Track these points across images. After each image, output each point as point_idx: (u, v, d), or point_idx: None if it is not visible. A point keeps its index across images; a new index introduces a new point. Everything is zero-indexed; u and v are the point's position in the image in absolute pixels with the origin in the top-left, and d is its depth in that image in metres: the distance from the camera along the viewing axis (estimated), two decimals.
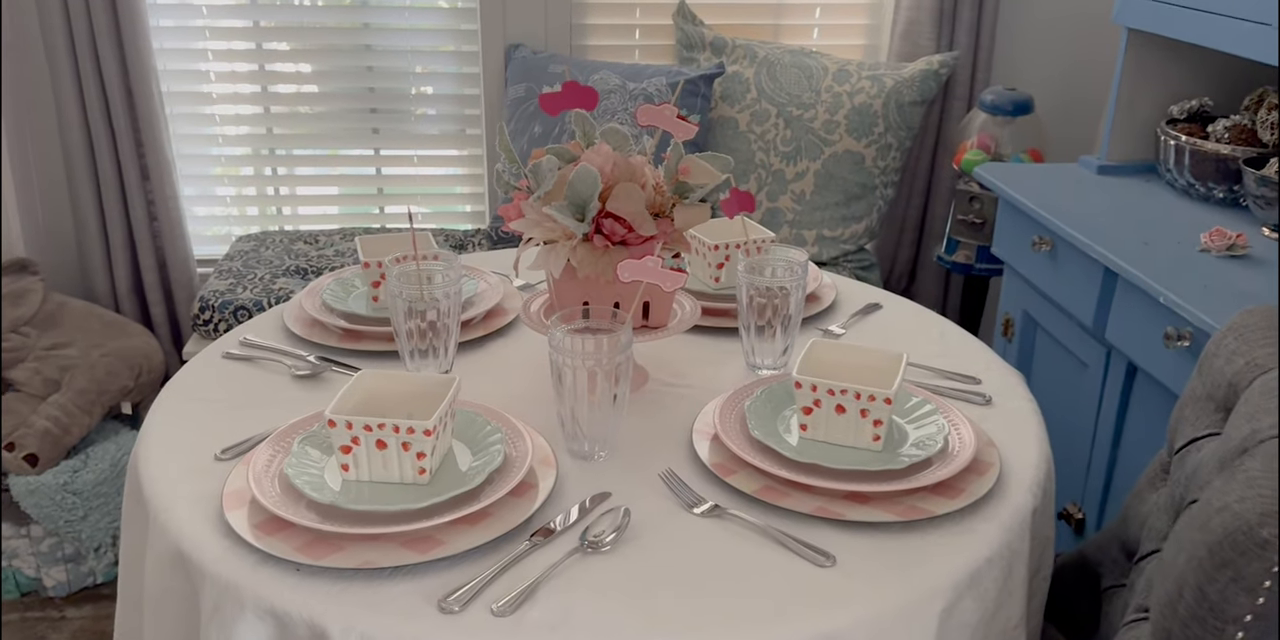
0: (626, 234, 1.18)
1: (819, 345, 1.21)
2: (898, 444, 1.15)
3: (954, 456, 1.13)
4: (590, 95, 1.24)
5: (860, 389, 1.11)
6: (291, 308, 1.47)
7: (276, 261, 2.32)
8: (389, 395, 1.10)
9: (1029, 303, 2.04)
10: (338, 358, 1.36)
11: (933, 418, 1.19)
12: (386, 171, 2.67)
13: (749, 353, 1.37)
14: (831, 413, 1.14)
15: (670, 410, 1.26)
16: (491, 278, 1.56)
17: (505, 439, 1.10)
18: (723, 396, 1.24)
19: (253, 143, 2.59)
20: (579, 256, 1.17)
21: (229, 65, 2.51)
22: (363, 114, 2.61)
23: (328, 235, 2.49)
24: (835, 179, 2.43)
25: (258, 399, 1.26)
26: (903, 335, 1.50)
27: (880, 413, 1.12)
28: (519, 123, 2.37)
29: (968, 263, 2.48)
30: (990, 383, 1.37)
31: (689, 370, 1.36)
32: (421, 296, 1.24)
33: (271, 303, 2.14)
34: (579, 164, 1.18)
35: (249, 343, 1.40)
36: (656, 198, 1.22)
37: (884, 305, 1.60)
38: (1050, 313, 1.95)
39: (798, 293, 1.32)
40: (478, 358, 1.38)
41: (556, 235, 1.19)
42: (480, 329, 1.43)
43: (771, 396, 1.23)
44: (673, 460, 1.15)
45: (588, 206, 1.16)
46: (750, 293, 1.31)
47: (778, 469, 1.09)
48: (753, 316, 1.32)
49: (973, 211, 2.43)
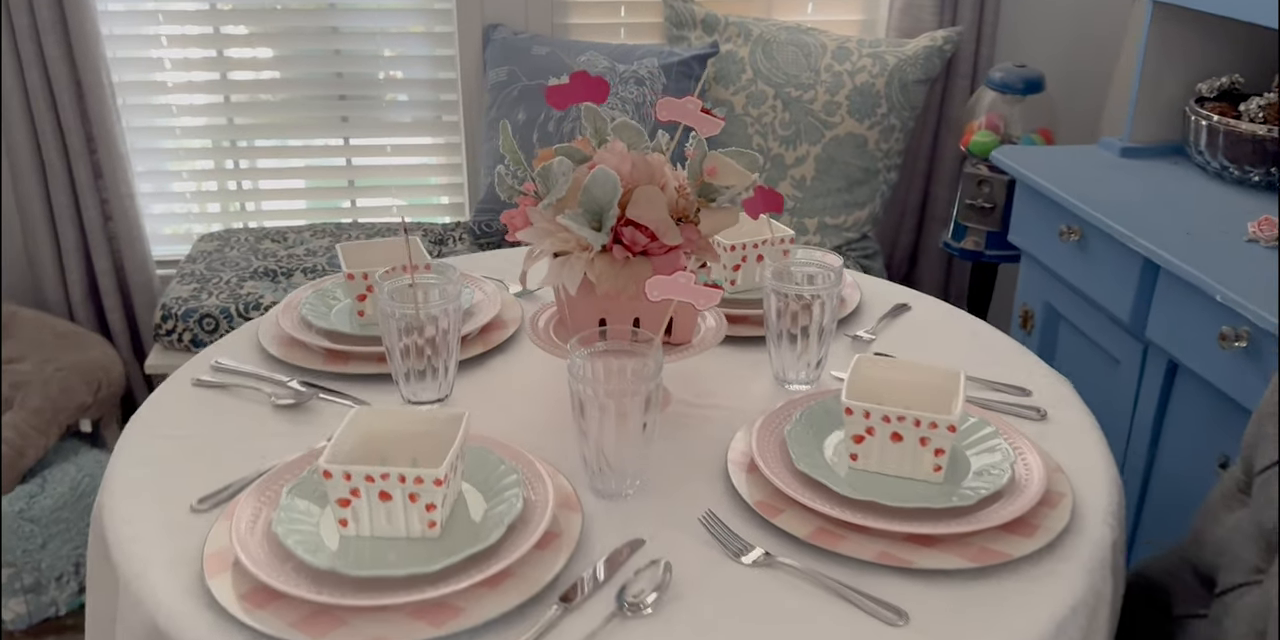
0: (649, 243, 1.06)
1: (865, 362, 1.10)
2: (960, 474, 1.04)
3: (1024, 487, 1.02)
4: (601, 87, 1.11)
5: (920, 415, 1.00)
6: (267, 325, 1.34)
7: (243, 262, 2.17)
8: (389, 435, 0.97)
9: (1052, 294, 1.94)
10: (322, 382, 1.24)
11: (993, 441, 1.08)
12: (357, 162, 2.53)
13: (778, 367, 1.25)
14: (886, 441, 1.02)
15: (698, 436, 1.14)
16: (487, 285, 1.43)
17: (522, 480, 0.98)
18: (756, 421, 1.12)
19: (212, 134, 2.44)
20: (597, 270, 1.05)
21: (184, 51, 2.36)
22: (330, 101, 2.46)
23: (296, 232, 2.35)
24: (837, 163, 2.32)
25: (236, 434, 1.13)
26: (938, 340, 1.39)
27: (942, 441, 1.01)
28: (501, 109, 2.23)
29: (977, 249, 2.37)
30: (1040, 393, 1.27)
31: (713, 387, 1.25)
32: (418, 315, 1.11)
33: (239, 310, 2.00)
34: (594, 166, 1.05)
35: (222, 367, 1.26)
36: (680, 201, 1.10)
37: (912, 306, 1.49)
38: (1077, 305, 1.85)
39: (832, 302, 1.21)
40: (478, 378, 1.26)
41: (570, 246, 1.07)
42: (478, 345, 1.31)
43: (812, 420, 1.12)
44: (709, 497, 1.04)
45: (606, 214, 1.04)
46: (779, 302, 1.20)
47: (831, 507, 0.98)
48: (782, 328, 1.21)
49: (982, 195, 2.32)
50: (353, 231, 2.34)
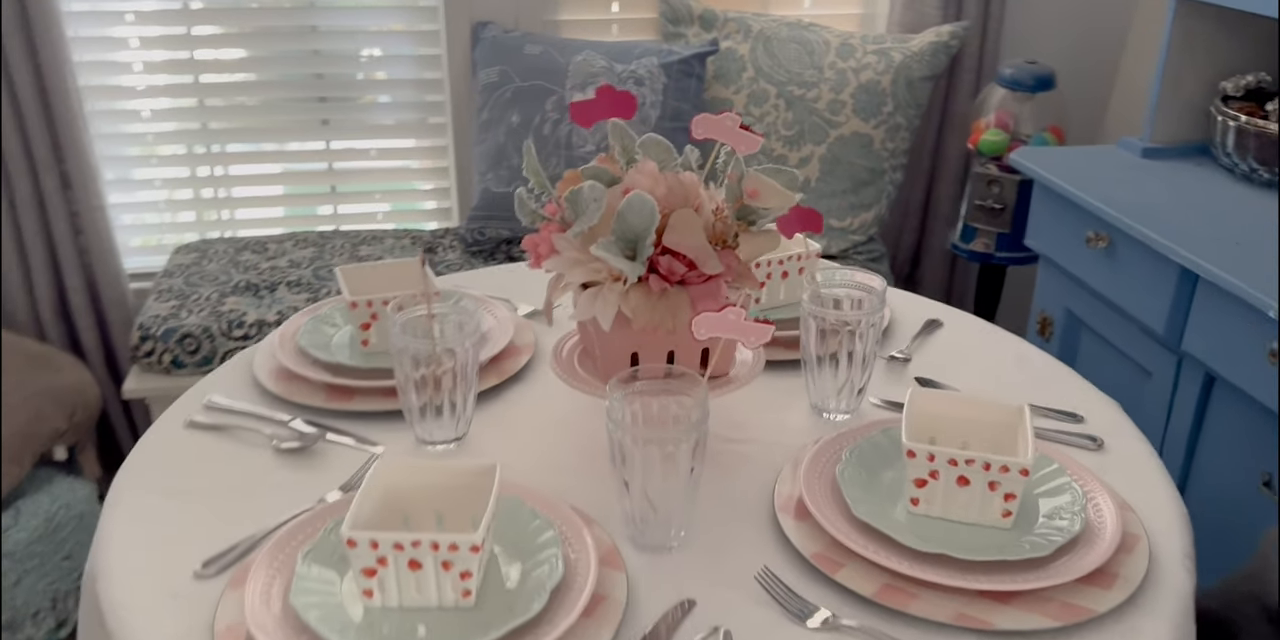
0: (687, 273, 0.98)
1: (921, 396, 1.03)
2: (1029, 518, 0.97)
3: (1098, 531, 0.96)
4: (628, 102, 1.03)
5: (991, 458, 0.93)
6: (263, 357, 1.25)
7: (222, 276, 2.07)
8: (412, 491, 0.89)
9: (1074, 301, 1.87)
10: (326, 421, 1.15)
11: (1059, 480, 1.01)
12: (339, 166, 2.43)
13: (816, 396, 1.18)
14: (952, 485, 0.95)
15: (738, 476, 1.07)
16: (496, 308, 1.35)
17: (559, 536, 0.90)
18: (802, 460, 1.05)
19: (186, 140, 2.33)
20: (633, 303, 0.97)
21: (154, 53, 2.25)
22: (310, 103, 2.36)
23: (277, 241, 2.25)
24: (842, 164, 2.25)
25: (238, 484, 1.05)
26: (978, 360, 1.32)
27: (1013, 485, 0.94)
28: (494, 111, 2.14)
29: (987, 252, 2.31)
30: (1092, 419, 1.20)
31: (746, 418, 1.17)
32: (435, 351, 1.03)
33: (222, 328, 1.91)
34: (628, 191, 0.97)
35: (216, 406, 1.17)
36: (717, 225, 1.02)
37: (944, 321, 1.42)
38: (1103, 313, 1.79)
39: (876, 328, 1.13)
40: (494, 413, 1.18)
41: (600, 277, 0.99)
42: (492, 375, 1.22)
43: (862, 458, 1.04)
44: (760, 549, 0.96)
45: (642, 243, 0.96)
46: (818, 328, 1.12)
47: (897, 561, 0.91)
48: (823, 355, 1.14)
49: (992, 196, 2.26)
50: (336, 240, 2.25)
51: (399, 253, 2.19)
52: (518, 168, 2.09)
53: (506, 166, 2.10)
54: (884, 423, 1.11)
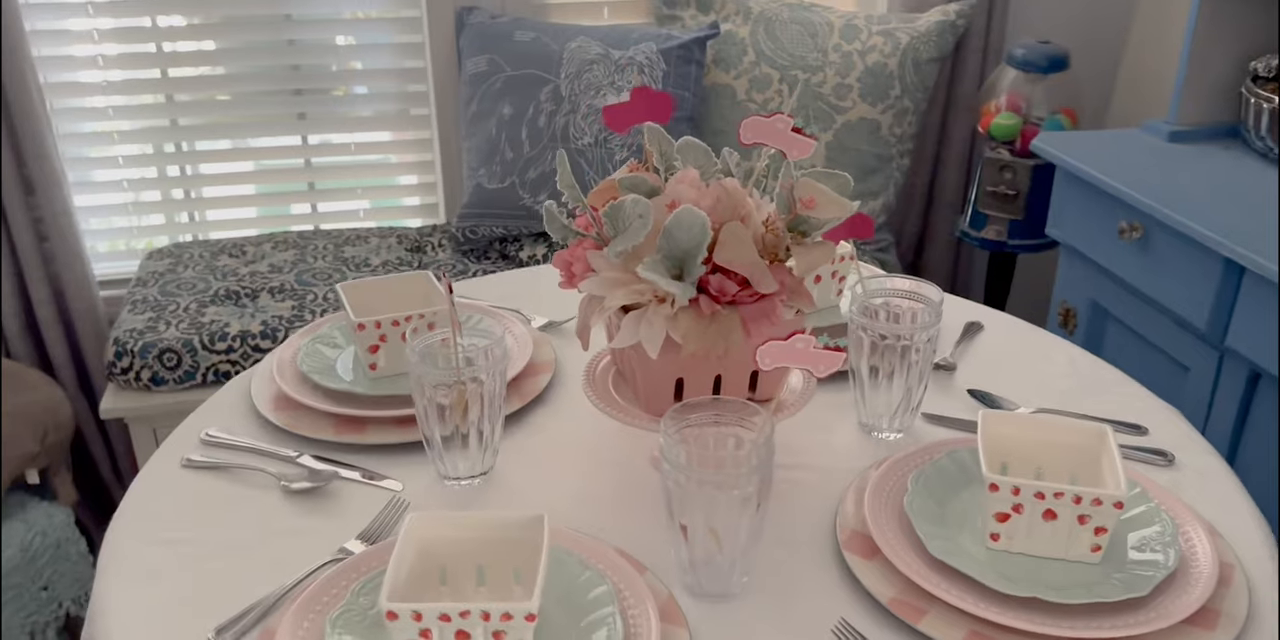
0: (739, 292, 0.90)
1: (993, 419, 0.95)
2: (1118, 552, 0.90)
3: (1195, 564, 0.89)
4: (664, 104, 0.94)
5: (1082, 491, 0.86)
6: (261, 384, 1.16)
7: (200, 284, 1.97)
8: (451, 543, 0.81)
9: (1099, 292, 1.81)
10: (336, 456, 1.06)
11: (1143, 505, 0.94)
12: (317, 162, 2.32)
13: (867, 415, 1.11)
14: (1037, 519, 0.88)
15: (793, 507, 0.99)
16: (512, 322, 1.26)
17: (613, 592, 0.82)
18: (864, 489, 0.97)
19: (154, 138, 2.21)
20: (683, 328, 0.89)
21: (119, 47, 2.13)
22: (284, 97, 2.25)
23: (255, 244, 2.15)
24: (849, 151, 2.17)
25: (246, 533, 0.96)
26: (1026, 366, 1.25)
27: (1106, 519, 0.87)
28: (483, 103, 2.04)
29: (999, 239, 2.24)
30: (1157, 430, 1.14)
31: (793, 440, 1.09)
32: (460, 382, 0.94)
33: (204, 341, 1.80)
34: (674, 205, 0.89)
35: (214, 441, 1.08)
36: (768, 237, 0.94)
37: (984, 324, 1.35)
38: (1133, 306, 1.73)
39: (932, 343, 1.06)
40: (519, 440, 1.09)
41: (644, 299, 0.90)
42: (514, 398, 1.14)
43: (929, 485, 0.97)
44: (829, 594, 0.88)
45: (692, 262, 0.88)
46: (870, 343, 1.05)
47: (984, 606, 0.84)
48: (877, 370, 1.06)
49: (1004, 182, 2.19)
50: (317, 240, 2.15)
51: (385, 252, 2.09)
52: (512, 163, 2.00)
53: (500, 161, 2.00)
54: (946, 445, 1.04)
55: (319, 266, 2.03)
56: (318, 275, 1.99)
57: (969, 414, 1.15)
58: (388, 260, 2.06)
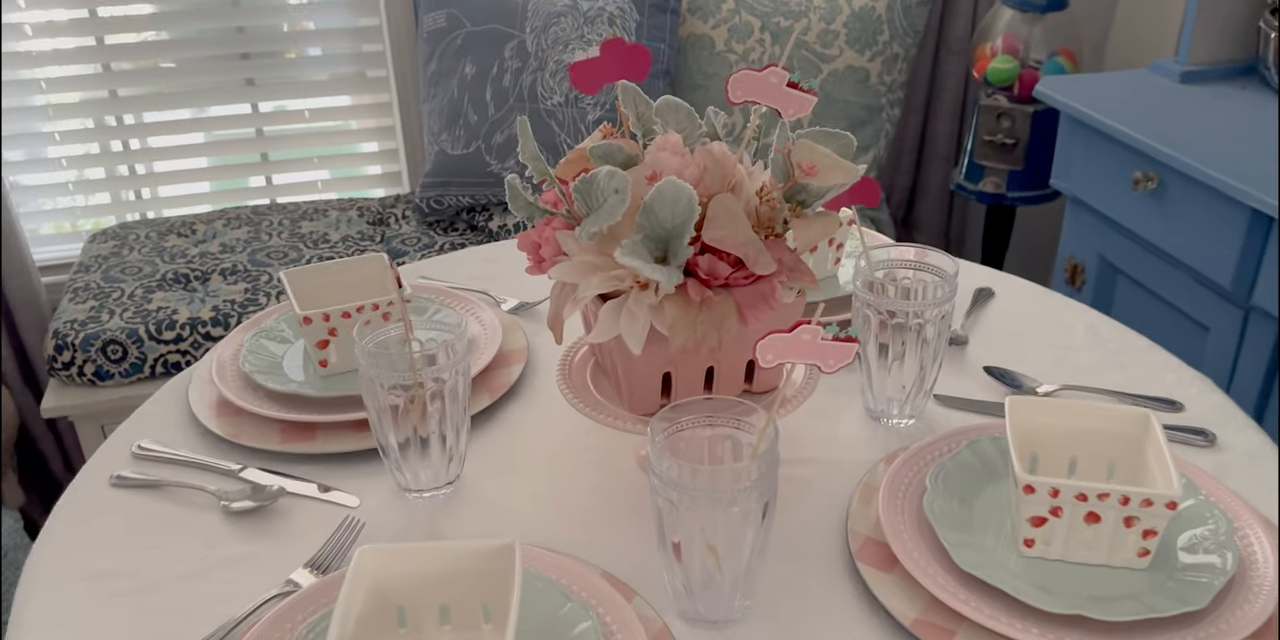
0: (732, 274, 0.80)
1: (1020, 405, 0.85)
2: (1168, 555, 0.80)
3: (1255, 568, 0.79)
4: (639, 59, 0.83)
5: (1130, 491, 0.76)
6: (201, 387, 1.05)
7: (146, 268, 1.85)
8: (411, 582, 0.70)
9: (1110, 247, 1.71)
10: (284, 468, 0.95)
11: (1191, 498, 0.85)
12: (270, 131, 2.20)
13: (875, 401, 1.00)
14: (1078, 522, 0.78)
15: (798, 508, 0.89)
16: (479, 307, 1.16)
17: (598, 625, 0.72)
18: (875, 488, 0.87)
19: (93, 111, 2.08)
20: (670, 318, 0.78)
21: (49, 13, 1.99)
22: (231, 62, 2.11)
23: (206, 222, 2.02)
24: (836, 103, 2.05)
25: (182, 563, 0.85)
26: (1044, 336, 1.15)
27: (1156, 521, 0.77)
28: (443, 61, 1.91)
29: (997, 192, 2.14)
30: (1192, 405, 1.04)
31: (793, 430, 0.99)
32: (418, 386, 0.84)
33: (149, 331, 1.69)
34: (656, 176, 0.78)
35: (148, 454, 0.97)
36: (763, 210, 0.83)
37: (996, 290, 1.25)
38: (1146, 261, 1.63)
39: (948, 319, 0.95)
40: (488, 442, 0.99)
41: (624, 285, 0.79)
42: (484, 394, 1.03)
43: (949, 483, 0.87)
44: (844, 613, 0.79)
45: (677, 242, 0.77)
46: (878, 322, 0.94)
47: (1021, 627, 0.74)
48: (880, 352, 0.96)
49: (1002, 130, 2.08)
50: (273, 216, 2.02)
51: (345, 227, 1.97)
52: (476, 126, 1.88)
53: (463, 125, 1.88)
54: (966, 433, 0.94)
55: (274, 244, 1.91)
56: (273, 254, 1.88)
57: (986, 394, 1.05)
58: (348, 235, 1.94)
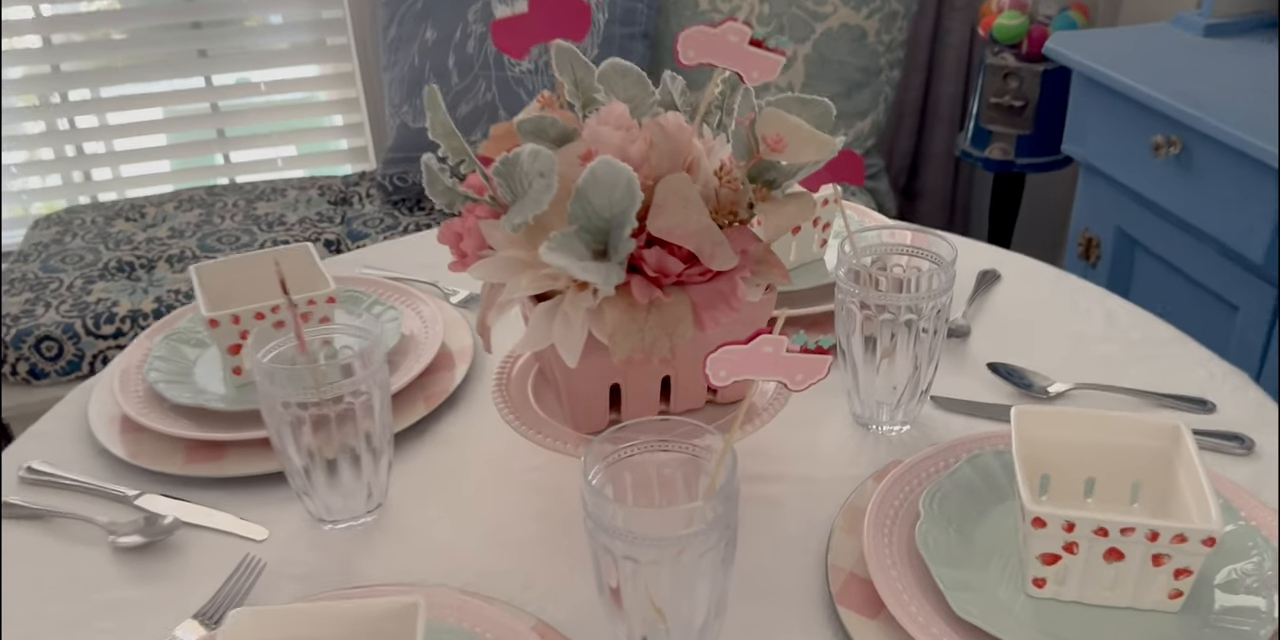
0: (686, 270, 0.68)
1: (1028, 418, 0.73)
2: (1203, 597, 0.69)
3: None
4: (578, 15, 0.71)
5: (1161, 526, 0.64)
6: (102, 400, 0.93)
7: (89, 256, 1.73)
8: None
9: (1128, 219, 1.58)
10: (186, 493, 0.84)
11: (1230, 524, 0.73)
12: (226, 106, 2.07)
13: (863, 407, 0.89)
14: (1096, 560, 0.66)
15: (769, 537, 0.78)
16: (422, 300, 1.04)
17: None
18: (861, 514, 0.76)
19: (37, 87, 1.96)
20: (610, 324, 0.66)
21: None
22: (182, 32, 1.99)
23: (157, 203, 1.90)
24: (831, 64, 1.92)
25: (60, 614, 0.74)
26: (1057, 326, 1.04)
27: (1190, 559, 0.65)
28: (403, 26, 1.78)
29: (1005, 158, 2.01)
30: (1226, 404, 0.92)
31: (767, 442, 0.88)
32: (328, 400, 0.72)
33: (88, 325, 1.57)
34: (590, 155, 0.66)
35: (38, 478, 0.86)
36: (723, 192, 0.71)
37: (1002, 272, 1.13)
38: (1168, 234, 1.50)
39: (945, 311, 0.83)
40: (422, 460, 0.88)
41: (559, 285, 0.68)
42: (419, 402, 0.92)
43: (947, 508, 0.75)
44: None
45: (617, 234, 0.65)
46: (863, 318, 0.83)
47: None
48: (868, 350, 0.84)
49: (1010, 92, 1.94)
50: (228, 196, 1.91)
51: (304, 207, 1.85)
52: None
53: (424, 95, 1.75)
54: (966, 445, 0.82)
55: (226, 228, 1.79)
56: (224, 239, 1.76)
57: (991, 394, 0.93)
58: (306, 217, 1.82)
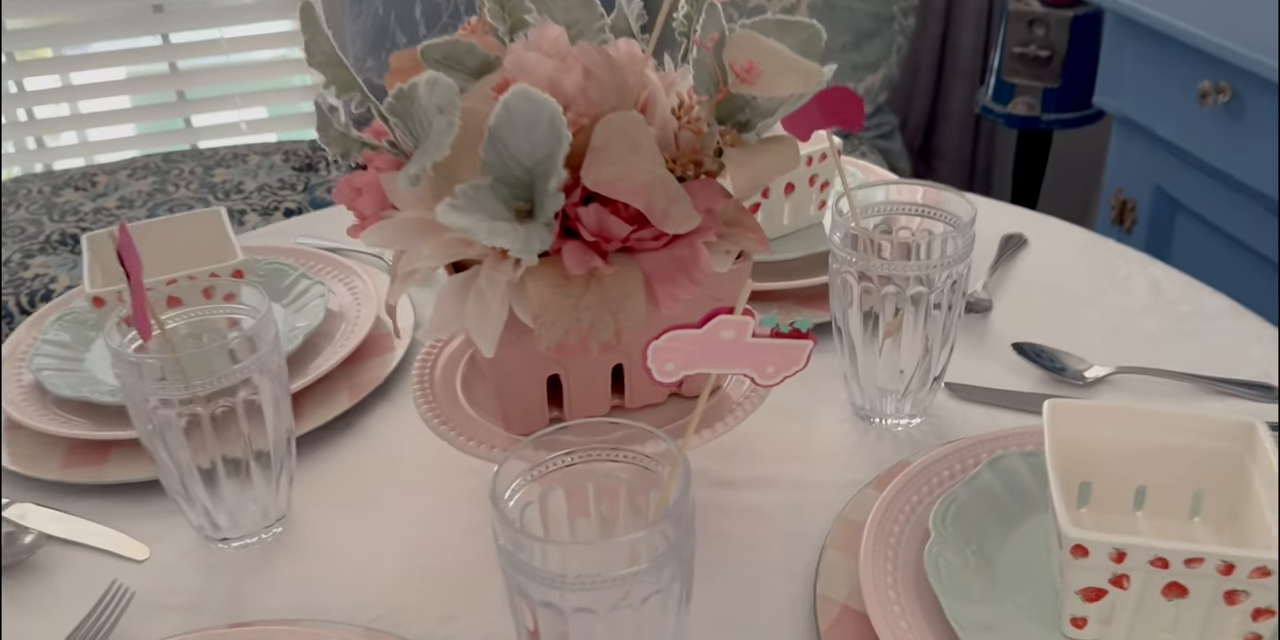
0: (634, 232, 0.54)
1: (1063, 411, 0.60)
2: None
3: None
4: None
5: (1238, 557, 0.51)
6: None
7: (30, 228, 1.61)
8: None
9: (1169, 177, 1.44)
10: (69, 502, 0.72)
11: None
12: (185, 66, 1.94)
13: (863, 395, 0.76)
14: (1153, 597, 0.53)
15: (746, 561, 0.65)
16: (357, 273, 0.91)
17: None
18: (860, 530, 0.63)
19: None
20: (534, 301, 0.53)
21: None
22: None
23: (109, 172, 1.78)
24: (838, 10, 1.77)
25: None
26: (1093, 298, 0.90)
27: (1272, 596, 0.52)
28: None
29: (1030, 114, 1.86)
30: None
31: (747, 438, 0.75)
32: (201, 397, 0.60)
33: (22, 302, 1.45)
34: (505, 85, 0.52)
35: None
36: (684, 136, 0.57)
37: (1028, 237, 1.00)
38: (1216, 195, 1.36)
39: (962, 282, 0.70)
40: (338, 459, 0.75)
41: (475, 252, 0.54)
42: (342, 393, 0.79)
43: (962, 525, 0.62)
44: None
45: (543, 186, 0.51)
46: (859, 288, 0.69)
47: None
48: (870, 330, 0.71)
49: (1035, 41, 1.80)
50: (185, 163, 1.78)
51: (265, 174, 1.72)
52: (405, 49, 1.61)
53: (390, 48, 1.62)
54: (986, 443, 0.69)
55: (180, 196, 1.66)
56: (176, 208, 1.63)
57: (1016, 380, 0.80)
58: (266, 184, 1.69)
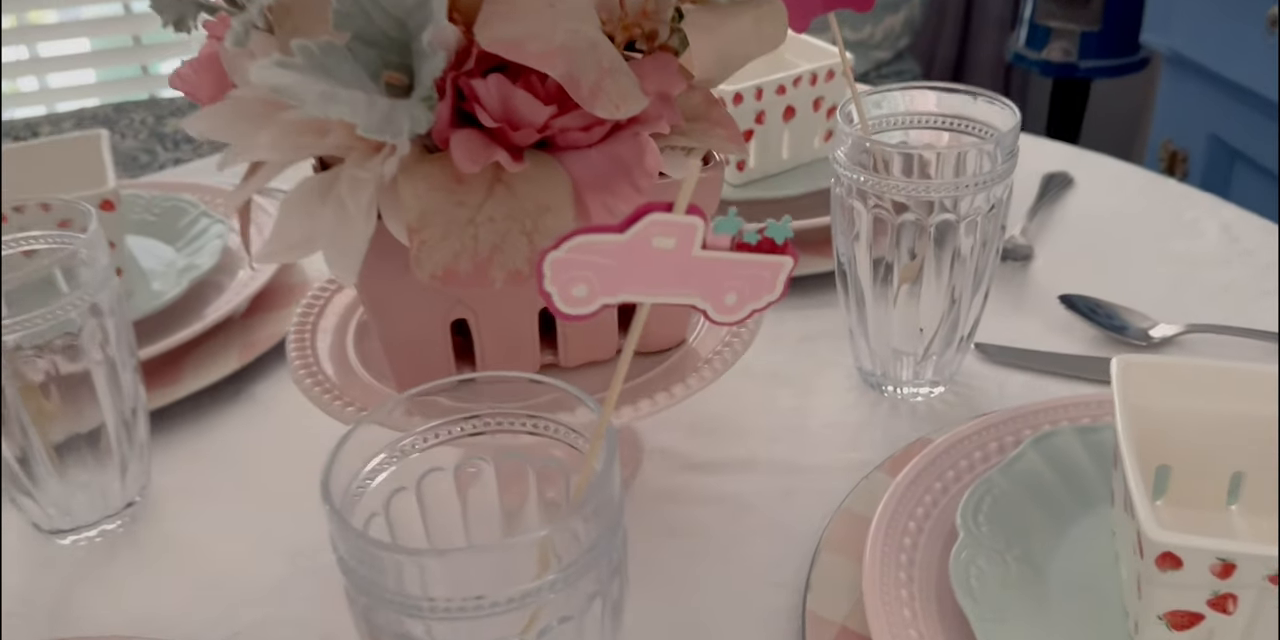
0: (554, 118, 0.40)
1: (1137, 371, 0.46)
2: None
3: None
4: None
5: None
6: None
7: None
8: None
9: (1225, 123, 1.29)
10: None
11: None
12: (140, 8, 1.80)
13: (872, 357, 0.61)
14: (1268, 623, 0.39)
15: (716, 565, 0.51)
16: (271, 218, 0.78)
17: None
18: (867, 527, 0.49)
19: None
20: (414, 207, 0.38)
21: None
22: None
23: (54, 123, 1.64)
24: None
25: None
26: (1154, 246, 0.77)
27: None
28: None
29: (1067, 60, 1.71)
30: None
31: (727, 410, 0.61)
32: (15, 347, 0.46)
33: None
34: None
35: None
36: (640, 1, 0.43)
37: (1075, 176, 0.85)
38: None
39: (998, 213, 0.56)
40: (217, 433, 0.61)
41: (335, 147, 0.40)
42: (229, 353, 0.65)
43: (998, 525, 0.48)
44: None
45: (417, 45, 0.37)
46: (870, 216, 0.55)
47: None
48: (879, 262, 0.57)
49: None
50: (137, 113, 1.64)
51: None
52: None
53: None
54: (1031, 417, 0.55)
55: (126, 147, 1.53)
56: (121, 158, 1.50)
57: (1064, 341, 0.66)
58: None
